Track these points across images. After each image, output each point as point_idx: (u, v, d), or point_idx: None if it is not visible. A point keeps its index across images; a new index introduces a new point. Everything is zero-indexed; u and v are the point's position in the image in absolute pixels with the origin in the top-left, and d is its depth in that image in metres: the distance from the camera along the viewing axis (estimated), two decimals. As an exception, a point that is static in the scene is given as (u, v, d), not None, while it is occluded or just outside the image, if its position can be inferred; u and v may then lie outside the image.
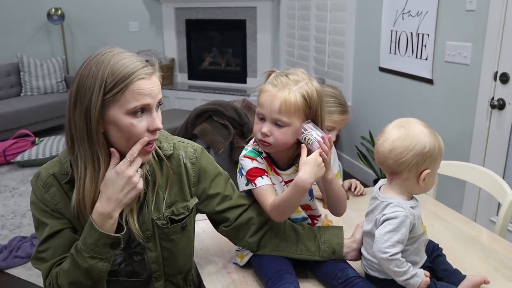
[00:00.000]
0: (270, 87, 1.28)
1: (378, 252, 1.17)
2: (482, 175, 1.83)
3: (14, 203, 3.60)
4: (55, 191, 1.19)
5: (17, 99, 5.30)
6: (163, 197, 1.26)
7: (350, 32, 3.96)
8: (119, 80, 1.08)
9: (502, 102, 2.50)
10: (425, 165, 1.18)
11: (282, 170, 1.37)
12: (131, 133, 1.12)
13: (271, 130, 1.27)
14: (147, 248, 1.26)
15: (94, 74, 1.08)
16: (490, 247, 1.51)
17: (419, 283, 1.17)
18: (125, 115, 1.10)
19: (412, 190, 1.24)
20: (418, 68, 3.16)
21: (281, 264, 1.31)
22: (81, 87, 1.10)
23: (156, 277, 1.29)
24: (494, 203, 2.64)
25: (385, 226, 1.18)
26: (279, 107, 1.24)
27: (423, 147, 1.16)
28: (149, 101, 1.12)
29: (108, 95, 1.09)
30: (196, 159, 1.32)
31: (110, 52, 1.11)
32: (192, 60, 6.12)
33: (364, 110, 3.92)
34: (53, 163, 1.23)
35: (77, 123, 1.11)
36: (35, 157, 4.31)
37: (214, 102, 3.17)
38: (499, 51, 2.49)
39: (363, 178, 3.94)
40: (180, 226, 1.29)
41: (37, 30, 5.81)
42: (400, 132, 1.18)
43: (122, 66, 1.09)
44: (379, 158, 1.22)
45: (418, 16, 3.09)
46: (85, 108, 1.09)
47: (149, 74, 1.12)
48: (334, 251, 1.32)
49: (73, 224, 1.20)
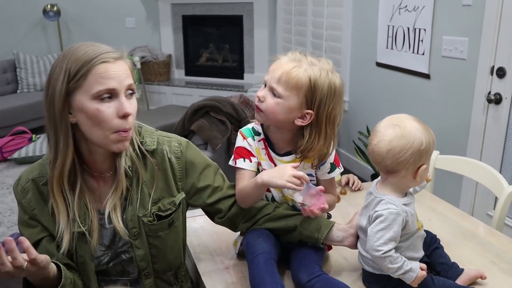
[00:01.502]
0: (284, 58, 1.25)
1: (371, 250, 1.17)
2: (479, 169, 1.83)
3: (12, 200, 3.59)
4: (31, 196, 1.20)
5: (14, 96, 5.28)
6: (148, 194, 1.25)
7: (347, 27, 3.95)
8: (82, 65, 1.08)
9: (499, 97, 2.51)
10: (422, 161, 1.18)
11: (279, 155, 1.34)
12: (99, 119, 1.10)
13: (265, 95, 1.25)
14: (134, 245, 1.25)
15: (61, 63, 1.10)
16: (487, 241, 1.52)
17: (413, 278, 1.16)
18: (91, 100, 1.09)
19: (408, 186, 1.24)
20: (415, 63, 3.16)
21: (267, 241, 1.28)
22: (49, 77, 1.11)
23: (145, 274, 1.28)
24: (491, 197, 2.65)
25: (377, 224, 1.17)
26: (280, 76, 1.22)
27: (420, 144, 1.15)
28: (114, 85, 1.10)
29: (72, 82, 1.09)
30: (181, 153, 1.30)
31: (79, 44, 1.13)
32: (189, 56, 6.10)
33: (361, 105, 3.92)
34: (34, 167, 1.23)
35: (48, 113, 1.12)
36: (32, 154, 4.30)
37: (211, 98, 3.17)
38: (495, 46, 2.50)
39: (361, 173, 3.95)
40: (167, 223, 1.28)
41: (33, 27, 5.78)
42: (395, 131, 1.16)
43: (86, 52, 1.10)
44: (375, 159, 1.20)
45: (415, 11, 3.09)
46: (51, 96, 1.10)
47: (114, 58, 1.11)
48: (319, 228, 1.28)
49: (50, 229, 1.20)
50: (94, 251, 1.22)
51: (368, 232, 1.19)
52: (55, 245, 1.20)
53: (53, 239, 1.20)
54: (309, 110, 1.24)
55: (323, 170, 1.37)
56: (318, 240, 1.29)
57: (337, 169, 1.39)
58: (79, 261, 1.22)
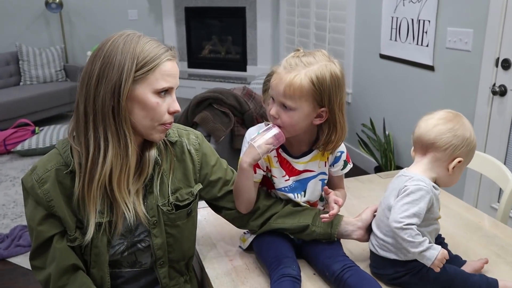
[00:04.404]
0: (281, 69, 1.24)
1: (392, 222, 1.16)
2: (483, 162, 1.82)
3: (15, 192, 3.60)
4: (48, 187, 1.15)
5: (17, 88, 5.28)
6: (167, 183, 1.26)
7: (350, 19, 3.93)
8: (151, 59, 1.11)
9: (504, 88, 2.49)
10: (461, 151, 1.20)
11: (296, 158, 1.33)
12: (155, 112, 1.14)
13: (278, 112, 1.24)
14: (152, 234, 1.25)
15: (124, 51, 1.09)
16: (492, 233, 1.51)
17: (435, 256, 1.13)
18: (152, 93, 1.12)
19: (438, 175, 1.23)
20: (419, 54, 3.14)
21: (280, 248, 1.30)
22: (108, 63, 1.09)
23: (160, 263, 1.29)
24: (495, 190, 2.64)
25: (403, 197, 1.18)
26: (284, 90, 1.20)
27: (468, 134, 1.20)
28: (173, 84, 1.16)
29: (138, 72, 1.10)
30: (199, 145, 1.33)
31: (135, 33, 1.15)
32: (191, 48, 6.09)
33: (364, 98, 3.91)
34: (50, 157, 1.19)
35: (101, 101, 1.09)
36: (35, 146, 4.30)
37: (215, 90, 3.16)
38: (500, 37, 2.48)
39: (364, 166, 3.94)
40: (186, 212, 1.29)
41: (36, 19, 5.77)
42: (447, 115, 1.23)
43: (152, 46, 1.13)
44: (420, 132, 1.23)
45: (419, 2, 3.07)
46: (114, 84, 1.08)
47: (173, 57, 1.16)
48: (330, 223, 1.31)
49: (65, 222, 1.17)
50: (114, 240, 1.22)
51: (394, 205, 1.19)
52: (65, 240, 1.19)
53: (64, 235, 1.19)
54: (323, 108, 1.24)
55: (336, 168, 1.39)
56: (332, 235, 1.31)
57: (349, 165, 1.41)
58: (92, 253, 1.21)
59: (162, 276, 1.30)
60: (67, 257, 1.18)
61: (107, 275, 1.24)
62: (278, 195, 1.37)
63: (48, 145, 4.29)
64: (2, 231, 3.03)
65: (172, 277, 1.33)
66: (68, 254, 1.18)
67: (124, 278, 1.31)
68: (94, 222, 1.16)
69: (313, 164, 1.34)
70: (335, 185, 1.43)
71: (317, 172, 1.35)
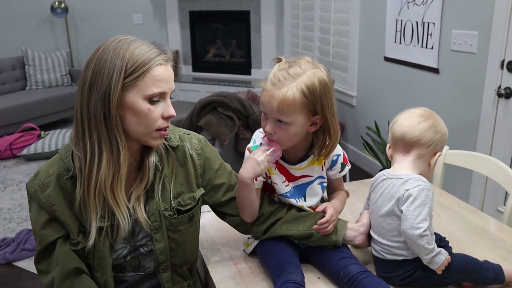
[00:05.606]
0: (269, 85, 1.23)
1: (410, 229, 1.16)
2: (489, 164, 1.81)
3: (21, 196, 3.61)
4: (50, 191, 1.16)
5: (23, 93, 5.30)
6: (169, 188, 1.26)
7: (354, 22, 3.93)
8: (140, 65, 1.09)
9: (509, 91, 2.48)
10: (440, 146, 1.25)
11: (293, 164, 1.34)
12: (148, 119, 1.12)
13: (274, 128, 1.24)
14: (154, 239, 1.26)
15: (113, 58, 1.08)
16: (498, 237, 1.50)
17: (442, 261, 1.18)
18: (143, 99, 1.11)
19: (421, 171, 1.26)
20: (423, 57, 3.13)
21: (283, 254, 1.30)
22: (98, 71, 1.09)
23: (163, 268, 1.29)
24: (501, 193, 2.62)
25: (411, 202, 1.18)
26: (277, 107, 1.20)
27: (443, 127, 1.26)
28: (166, 89, 1.13)
29: (128, 79, 1.09)
30: (201, 150, 1.32)
31: (127, 39, 1.12)
32: (196, 52, 6.10)
33: (369, 100, 3.90)
34: (52, 162, 1.20)
35: (93, 108, 1.09)
36: (41, 151, 4.32)
37: (219, 94, 3.16)
38: (506, 39, 2.47)
39: (369, 169, 3.93)
40: (188, 217, 1.29)
41: (41, 24, 5.81)
42: (424, 112, 1.27)
43: (142, 51, 1.10)
44: (403, 130, 1.25)
45: (424, 4, 3.06)
46: (104, 91, 1.08)
47: (165, 61, 1.14)
48: (336, 230, 1.31)
49: (68, 226, 1.18)
50: (116, 244, 1.23)
51: (405, 211, 1.19)
52: (69, 244, 1.19)
53: (67, 239, 1.19)
54: (316, 115, 1.24)
55: (334, 171, 1.39)
56: (337, 242, 1.31)
57: (346, 167, 1.41)
58: (96, 256, 1.21)
59: (165, 281, 1.30)
60: (70, 261, 1.18)
61: (111, 279, 1.24)
62: (281, 199, 1.37)
63: (53, 149, 4.31)
64: (8, 235, 3.04)
65: (175, 282, 1.33)
66: (71, 258, 1.19)
67: (127, 282, 1.31)
68: (95, 226, 1.16)
69: (310, 169, 1.34)
70: (335, 188, 1.44)
71: (314, 176, 1.35)
